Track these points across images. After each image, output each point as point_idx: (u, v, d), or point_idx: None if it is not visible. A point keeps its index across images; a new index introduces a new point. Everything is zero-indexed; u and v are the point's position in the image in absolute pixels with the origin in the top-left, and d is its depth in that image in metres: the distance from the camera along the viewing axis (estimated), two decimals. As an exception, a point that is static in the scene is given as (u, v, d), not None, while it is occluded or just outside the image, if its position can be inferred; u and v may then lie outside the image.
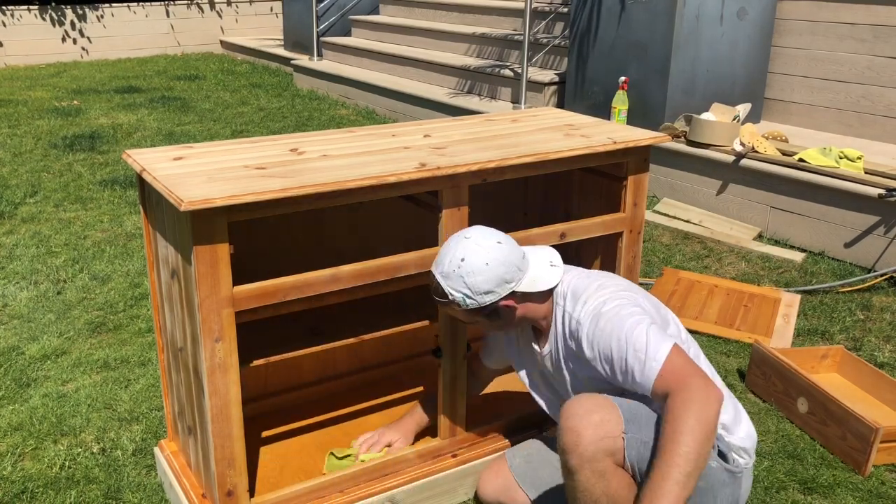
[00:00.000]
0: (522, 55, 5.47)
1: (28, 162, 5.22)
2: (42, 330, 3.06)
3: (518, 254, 1.78)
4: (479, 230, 1.78)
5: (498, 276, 1.74)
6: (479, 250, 1.73)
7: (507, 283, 1.75)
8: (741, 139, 4.14)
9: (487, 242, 1.75)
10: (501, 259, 1.74)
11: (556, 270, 1.83)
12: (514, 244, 1.80)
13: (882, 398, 2.59)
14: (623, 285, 1.81)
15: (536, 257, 1.84)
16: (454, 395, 2.09)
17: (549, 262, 1.84)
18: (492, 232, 1.79)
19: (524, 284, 1.78)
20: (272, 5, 10.47)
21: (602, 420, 1.61)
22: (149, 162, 1.84)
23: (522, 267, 1.78)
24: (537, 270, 1.81)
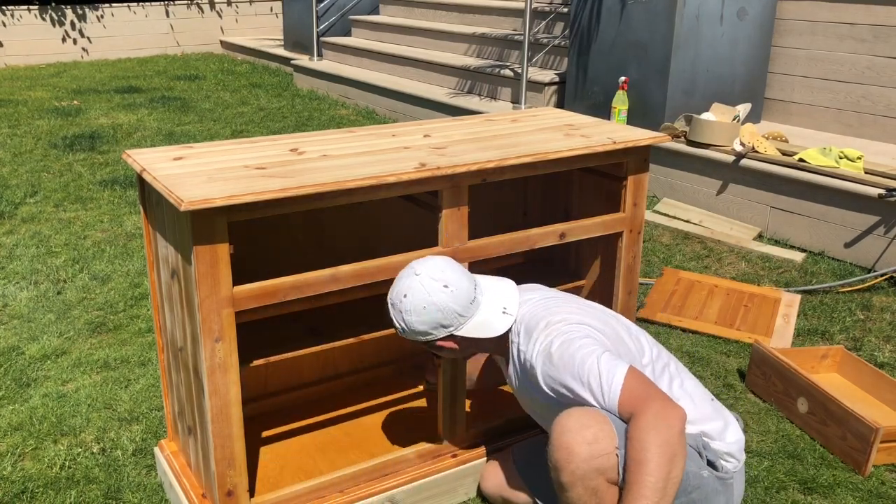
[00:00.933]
0: (522, 55, 5.47)
1: (28, 162, 5.22)
2: (42, 330, 3.06)
3: (464, 299, 1.73)
4: (431, 267, 1.74)
5: (434, 320, 1.73)
6: (420, 291, 1.72)
7: (444, 327, 1.74)
8: (741, 139, 4.14)
9: (432, 285, 1.71)
10: (441, 305, 1.72)
11: (507, 319, 1.77)
12: (464, 288, 1.73)
13: (882, 398, 2.59)
14: (572, 310, 1.79)
15: (489, 301, 1.78)
16: (454, 395, 2.09)
17: (502, 309, 1.78)
18: (443, 271, 1.73)
19: (466, 329, 1.76)
20: (272, 5, 10.47)
21: (595, 437, 1.58)
22: (149, 162, 1.84)
23: (466, 313, 1.75)
24: (486, 316, 1.77)
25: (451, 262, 1.79)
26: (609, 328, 1.79)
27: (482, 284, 1.83)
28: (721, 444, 1.77)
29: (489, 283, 1.84)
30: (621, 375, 1.62)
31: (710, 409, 1.80)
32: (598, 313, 1.83)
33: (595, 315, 1.81)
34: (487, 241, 2.00)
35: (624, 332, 1.83)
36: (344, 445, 2.23)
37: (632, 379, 1.62)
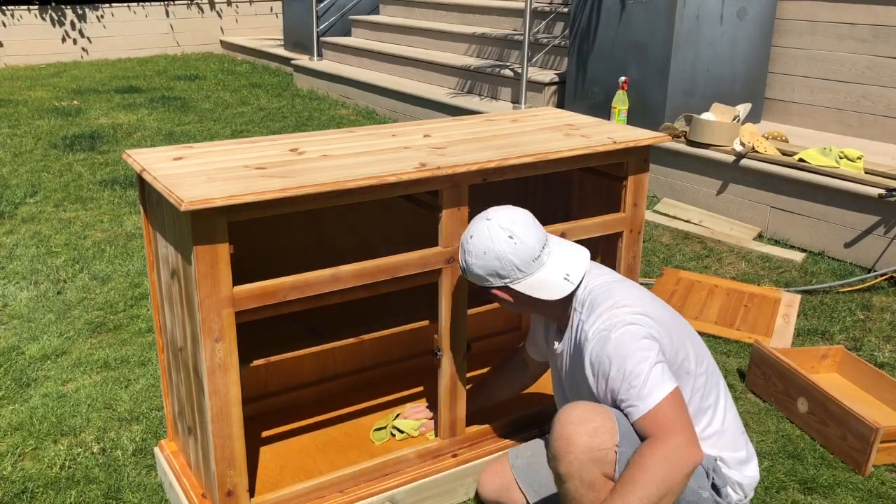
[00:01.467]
0: (522, 55, 5.47)
1: (28, 162, 5.22)
2: (42, 330, 3.06)
3: (527, 255, 1.71)
4: (504, 216, 1.71)
5: (491, 267, 1.72)
6: (485, 236, 1.71)
7: (501, 277, 1.73)
8: (741, 139, 4.14)
9: (498, 233, 1.70)
10: (500, 254, 1.70)
11: (566, 286, 1.72)
12: (530, 244, 1.70)
13: (882, 398, 2.59)
14: (642, 304, 1.71)
15: (554, 263, 1.74)
16: (454, 395, 2.09)
17: (565, 275, 1.72)
18: (514, 222, 1.71)
19: (522, 285, 1.73)
20: (272, 5, 10.47)
21: (596, 430, 1.58)
22: (149, 162, 1.84)
23: (526, 269, 1.72)
24: (547, 277, 1.73)
25: (527, 215, 1.74)
26: (675, 324, 1.73)
27: (553, 246, 1.76)
28: (734, 474, 1.74)
29: (561, 247, 1.78)
30: (663, 392, 1.58)
31: (739, 438, 1.78)
32: (658, 306, 1.75)
33: (656, 309, 1.73)
34: (487, 241, 2.00)
35: (686, 334, 1.76)
36: (344, 445, 2.23)
37: (671, 401, 1.58)
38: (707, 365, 1.77)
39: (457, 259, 1.96)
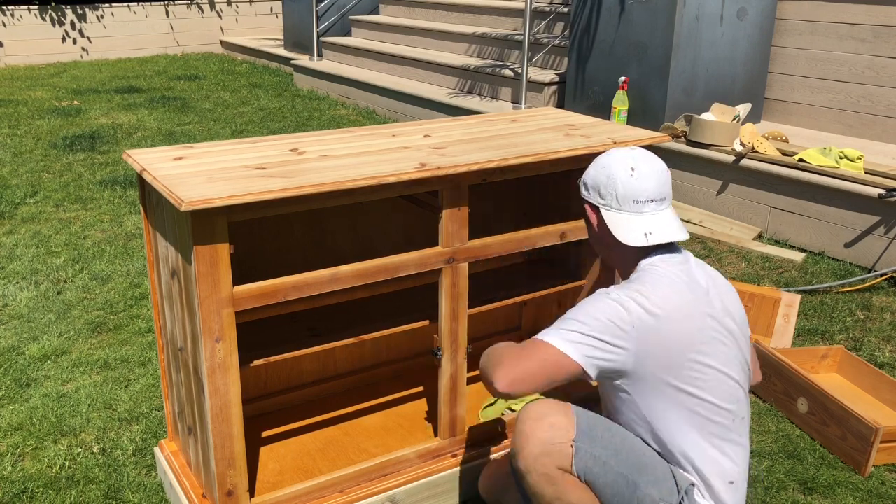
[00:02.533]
0: (522, 55, 5.47)
1: (28, 162, 5.22)
2: (42, 330, 3.06)
3: (632, 194, 1.68)
4: (643, 153, 1.72)
5: (597, 182, 1.72)
6: (615, 155, 1.72)
7: (599, 194, 1.72)
8: (741, 139, 4.14)
9: (625, 160, 1.69)
10: (612, 175, 1.69)
11: (640, 240, 1.66)
12: (641, 188, 1.67)
13: (882, 398, 2.59)
14: (661, 303, 1.61)
15: (647, 219, 1.68)
16: (454, 395, 2.09)
17: (647, 232, 1.67)
18: (645, 162, 1.69)
19: (610, 215, 1.71)
20: (272, 5, 10.47)
21: (552, 425, 1.60)
22: (149, 162, 1.84)
23: (622, 205, 1.69)
24: (631, 222, 1.68)
25: (663, 171, 1.72)
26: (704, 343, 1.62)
27: (660, 210, 1.71)
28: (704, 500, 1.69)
29: (666, 216, 1.71)
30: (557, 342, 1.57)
31: (734, 471, 1.70)
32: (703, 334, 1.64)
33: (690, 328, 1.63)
34: (487, 241, 2.00)
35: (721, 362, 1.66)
36: (344, 445, 2.23)
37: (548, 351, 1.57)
38: (737, 407, 1.69)
39: (457, 259, 1.96)
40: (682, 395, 1.63)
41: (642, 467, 1.64)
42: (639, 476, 1.63)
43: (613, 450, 1.63)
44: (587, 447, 1.60)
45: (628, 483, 1.62)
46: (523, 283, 2.46)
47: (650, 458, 1.67)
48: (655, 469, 1.65)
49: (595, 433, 1.63)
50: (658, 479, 1.64)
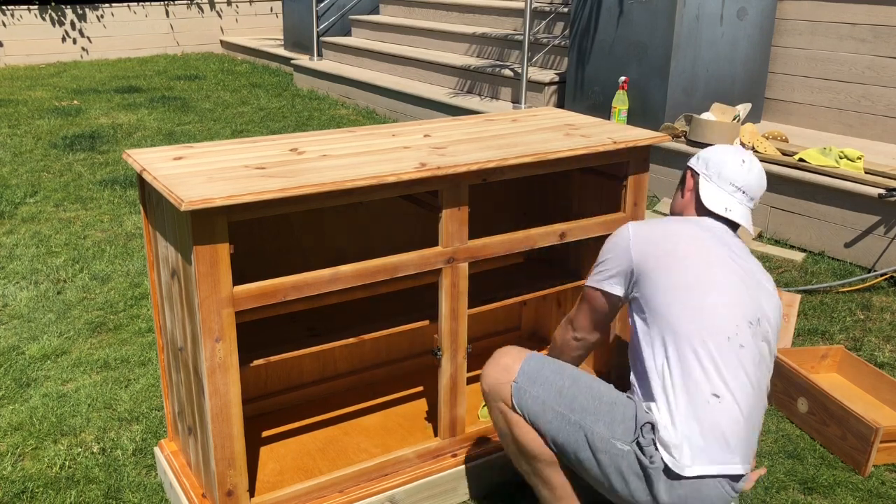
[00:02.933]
0: (522, 55, 5.47)
1: (28, 162, 5.22)
2: (42, 330, 3.06)
3: (733, 177, 1.89)
4: (758, 162, 1.94)
5: (710, 155, 1.94)
6: (735, 147, 1.95)
7: (706, 165, 1.93)
8: (741, 139, 4.14)
9: (742, 154, 1.92)
10: (723, 158, 1.91)
11: (721, 210, 1.87)
12: (742, 178, 1.89)
13: (882, 398, 2.59)
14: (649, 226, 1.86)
15: (734, 200, 1.89)
16: (454, 395, 2.09)
17: (727, 208, 1.88)
18: (755, 163, 1.92)
19: (706, 185, 1.91)
20: (272, 5, 10.47)
21: (504, 366, 1.84)
22: (149, 162, 1.84)
23: (719, 182, 1.89)
24: (721, 197, 1.89)
25: (764, 181, 1.93)
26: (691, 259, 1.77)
27: (745, 204, 1.91)
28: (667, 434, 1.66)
29: (746, 210, 1.91)
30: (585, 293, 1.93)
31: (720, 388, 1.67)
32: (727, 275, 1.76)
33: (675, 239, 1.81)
34: (487, 241, 2.00)
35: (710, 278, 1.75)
36: (344, 445, 2.23)
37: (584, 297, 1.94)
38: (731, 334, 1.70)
39: (457, 259, 1.96)
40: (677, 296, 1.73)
41: (591, 408, 1.74)
42: (584, 416, 1.74)
43: (556, 391, 1.78)
44: (526, 387, 1.80)
45: (570, 421, 1.75)
46: (523, 283, 2.46)
47: (604, 400, 1.75)
48: (612, 410, 1.73)
49: (540, 375, 1.81)
50: (610, 419, 1.72)
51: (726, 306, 1.71)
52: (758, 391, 1.72)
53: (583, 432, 1.73)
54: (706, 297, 1.71)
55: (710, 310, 1.70)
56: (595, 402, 1.75)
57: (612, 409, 1.73)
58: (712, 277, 1.74)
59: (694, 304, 1.71)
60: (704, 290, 1.72)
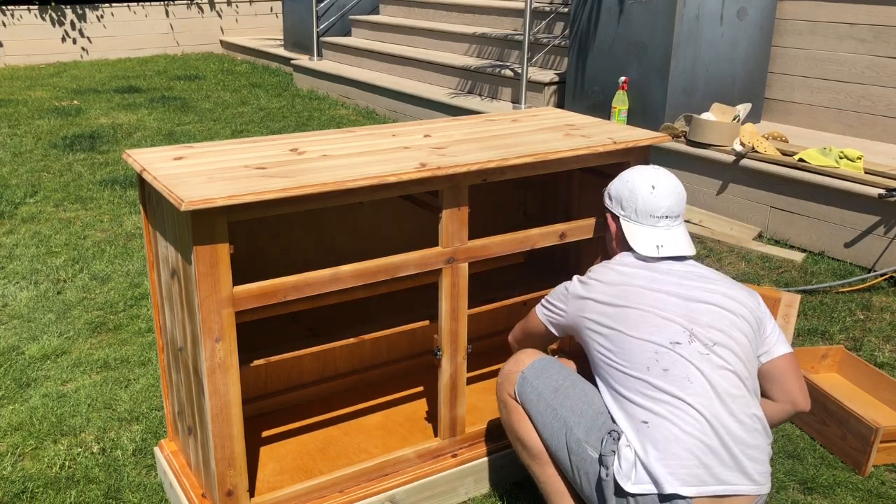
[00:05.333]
0: (522, 55, 5.47)
1: (28, 162, 5.22)
2: (42, 330, 3.06)
3: (650, 209, 1.88)
4: (665, 173, 1.93)
5: (620, 192, 1.94)
6: (639, 170, 1.94)
7: (620, 206, 1.94)
8: (741, 139, 4.14)
9: (647, 178, 1.91)
10: (634, 191, 1.91)
11: (652, 252, 1.85)
12: (659, 203, 1.88)
13: (882, 398, 2.60)
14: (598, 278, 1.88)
15: (661, 233, 1.88)
16: (454, 395, 2.09)
17: (658, 245, 1.87)
18: (667, 182, 1.91)
19: (627, 225, 1.91)
20: (272, 5, 10.47)
21: (518, 360, 1.93)
22: (149, 162, 1.84)
23: (640, 218, 1.89)
24: (646, 234, 1.88)
25: (680, 191, 1.91)
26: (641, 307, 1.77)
27: (673, 226, 1.90)
28: (646, 458, 1.63)
29: (680, 235, 1.90)
30: (537, 309, 2.01)
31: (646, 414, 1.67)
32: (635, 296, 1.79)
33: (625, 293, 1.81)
34: (487, 241, 2.00)
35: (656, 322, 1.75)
36: (344, 445, 2.23)
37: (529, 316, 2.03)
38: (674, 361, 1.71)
39: (457, 259, 1.96)
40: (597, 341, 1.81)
41: (578, 410, 1.79)
42: (570, 415, 1.79)
43: (554, 386, 1.85)
44: (531, 378, 1.88)
45: (557, 416, 1.81)
46: (523, 283, 2.46)
47: (593, 407, 1.78)
48: (595, 418, 1.76)
49: (546, 372, 1.88)
50: (591, 425, 1.75)
51: (639, 340, 1.74)
52: (720, 397, 1.67)
53: (564, 430, 1.79)
54: (621, 339, 1.76)
55: (626, 349, 1.75)
56: (584, 405, 1.80)
57: (595, 417, 1.77)
58: (627, 319, 1.77)
59: (612, 348, 1.77)
60: (620, 334, 1.77)
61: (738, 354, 1.73)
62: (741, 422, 1.67)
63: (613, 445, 1.68)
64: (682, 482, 1.60)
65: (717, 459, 1.63)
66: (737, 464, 1.64)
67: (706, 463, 1.62)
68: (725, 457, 1.63)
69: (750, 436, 1.67)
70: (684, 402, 1.66)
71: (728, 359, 1.71)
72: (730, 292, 1.81)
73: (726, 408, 1.66)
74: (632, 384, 1.71)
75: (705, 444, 1.63)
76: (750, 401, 1.70)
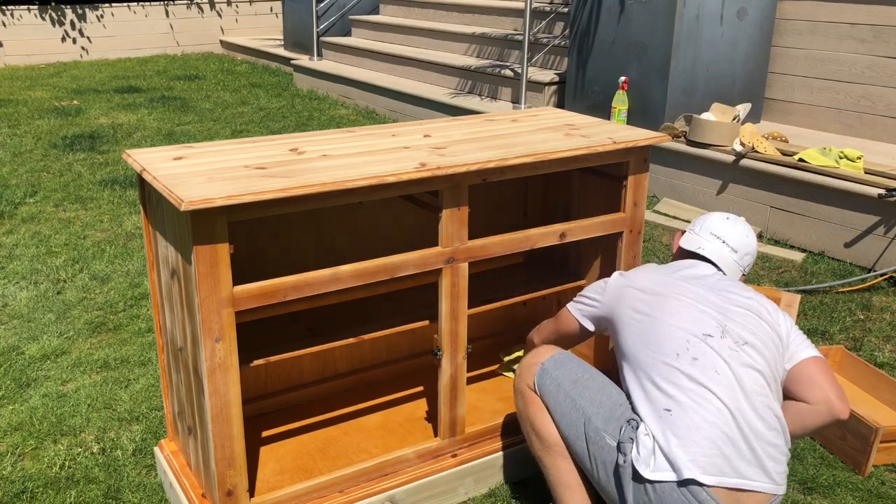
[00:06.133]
0: (522, 55, 5.47)
1: (28, 162, 5.22)
2: (42, 330, 3.06)
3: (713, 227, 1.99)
4: (743, 220, 2.03)
5: (700, 217, 2.06)
6: (722, 215, 2.04)
7: (692, 224, 2.05)
8: (741, 139, 4.14)
9: (726, 214, 2.04)
10: (710, 215, 2.03)
11: (691, 244, 1.98)
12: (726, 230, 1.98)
13: (882, 398, 2.60)
14: (634, 274, 1.95)
15: (713, 243, 1.97)
16: (454, 395, 2.09)
17: (699, 246, 1.97)
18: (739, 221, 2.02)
19: (688, 234, 2.03)
20: (272, 5, 10.47)
21: (538, 353, 1.97)
22: (149, 162, 1.84)
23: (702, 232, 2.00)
24: (695, 238, 2.00)
25: (749, 240, 2.00)
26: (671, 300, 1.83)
27: (721, 250, 1.97)
28: (664, 443, 1.64)
29: (718, 251, 1.97)
30: (569, 305, 2.07)
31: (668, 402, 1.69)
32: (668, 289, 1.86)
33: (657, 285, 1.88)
34: (487, 241, 2.00)
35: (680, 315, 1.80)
36: (344, 445, 2.23)
37: (560, 312, 2.10)
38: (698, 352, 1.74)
39: (457, 259, 1.96)
40: (630, 326, 1.85)
41: (597, 401, 1.81)
42: (589, 405, 1.81)
43: (574, 378, 1.88)
44: (550, 370, 1.91)
45: (576, 406, 1.83)
46: (523, 283, 2.46)
47: (612, 398, 1.81)
48: (614, 408, 1.79)
49: (566, 364, 1.92)
50: (609, 415, 1.78)
51: (673, 327, 1.78)
52: (745, 392, 1.68)
53: (583, 419, 1.81)
54: (655, 325, 1.81)
55: (658, 334, 1.79)
56: (603, 396, 1.83)
57: (614, 408, 1.80)
58: (664, 306, 1.83)
59: (644, 334, 1.81)
60: (655, 319, 1.82)
61: (767, 357, 1.76)
62: (764, 419, 1.68)
63: (632, 433, 1.71)
64: (701, 469, 1.61)
65: (737, 452, 1.64)
66: (757, 460, 1.65)
67: (726, 454, 1.63)
68: (746, 451, 1.65)
69: (772, 434, 1.68)
70: (710, 392, 1.68)
71: (756, 359, 1.74)
72: (766, 304, 1.86)
73: (750, 403, 1.68)
74: (659, 369, 1.74)
75: (727, 434, 1.65)
76: (772, 402, 1.72)
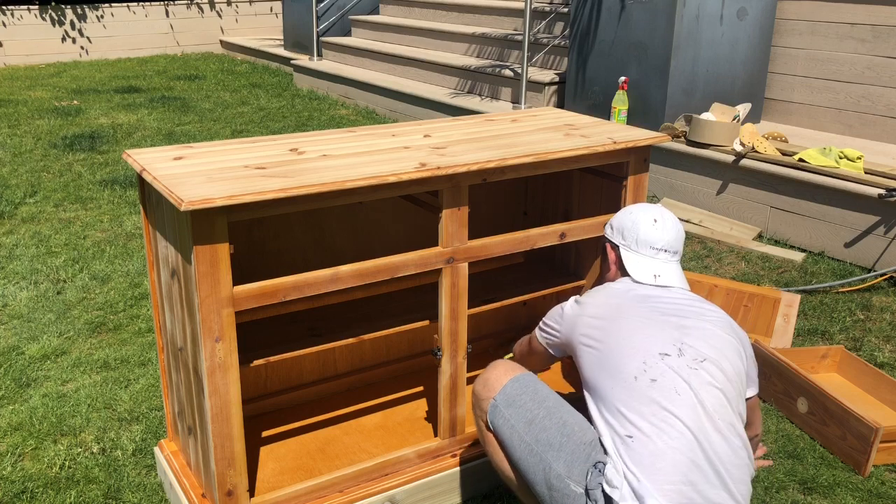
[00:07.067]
0: (522, 55, 5.47)
1: (28, 162, 5.22)
2: (42, 330, 3.06)
3: (651, 241, 1.91)
4: (664, 210, 1.97)
5: (622, 223, 1.97)
6: (643, 206, 1.98)
7: (622, 236, 1.96)
8: (741, 139, 4.14)
9: (650, 213, 1.94)
10: (636, 221, 1.94)
11: (648, 277, 1.87)
12: (659, 237, 1.91)
13: (882, 398, 2.60)
14: (591, 299, 1.86)
15: (660, 264, 1.90)
16: (454, 395, 2.09)
17: (655, 273, 1.89)
18: (668, 217, 1.95)
19: (627, 255, 1.93)
20: (272, 5, 10.47)
21: (488, 382, 1.87)
22: (149, 162, 1.84)
23: (639, 248, 1.92)
24: (644, 264, 1.91)
25: (680, 229, 1.94)
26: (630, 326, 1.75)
27: (671, 261, 1.92)
28: (634, 480, 1.58)
29: (674, 268, 1.92)
30: (534, 335, 2.02)
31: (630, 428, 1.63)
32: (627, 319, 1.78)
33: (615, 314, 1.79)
34: (487, 241, 2.00)
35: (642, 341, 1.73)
36: (344, 445, 2.23)
37: (532, 336, 2.04)
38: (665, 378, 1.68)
39: (457, 259, 1.96)
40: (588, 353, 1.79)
41: (556, 444, 1.70)
42: (548, 451, 1.71)
43: (528, 419, 1.77)
44: (502, 408, 1.81)
45: (533, 452, 1.73)
46: (523, 283, 2.46)
47: (574, 437, 1.70)
48: (577, 450, 1.68)
49: (519, 400, 1.81)
50: (571, 459, 1.67)
51: (628, 349, 1.72)
52: (707, 413, 1.64)
53: (542, 466, 1.70)
54: (610, 350, 1.75)
55: (613, 359, 1.73)
56: (562, 437, 1.72)
57: (576, 449, 1.69)
58: (618, 331, 1.76)
59: (600, 361, 1.75)
60: (608, 346, 1.76)
61: (728, 374, 1.70)
62: (727, 439, 1.63)
63: (599, 478, 1.63)
64: (667, 499, 1.55)
65: (703, 477, 1.59)
66: (722, 482, 1.60)
67: (692, 480, 1.58)
68: (711, 474, 1.59)
69: (736, 455, 1.63)
70: (671, 415, 1.62)
71: (716, 376, 1.68)
72: (726, 318, 1.82)
73: (713, 424, 1.63)
74: (619, 395, 1.67)
75: (692, 460, 1.59)
76: (735, 420, 1.67)
